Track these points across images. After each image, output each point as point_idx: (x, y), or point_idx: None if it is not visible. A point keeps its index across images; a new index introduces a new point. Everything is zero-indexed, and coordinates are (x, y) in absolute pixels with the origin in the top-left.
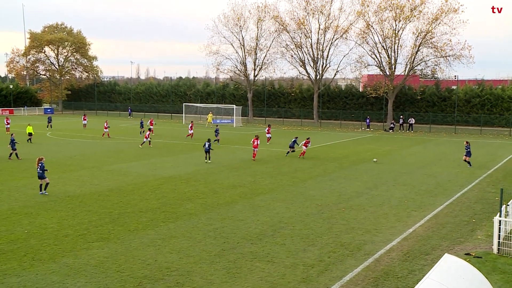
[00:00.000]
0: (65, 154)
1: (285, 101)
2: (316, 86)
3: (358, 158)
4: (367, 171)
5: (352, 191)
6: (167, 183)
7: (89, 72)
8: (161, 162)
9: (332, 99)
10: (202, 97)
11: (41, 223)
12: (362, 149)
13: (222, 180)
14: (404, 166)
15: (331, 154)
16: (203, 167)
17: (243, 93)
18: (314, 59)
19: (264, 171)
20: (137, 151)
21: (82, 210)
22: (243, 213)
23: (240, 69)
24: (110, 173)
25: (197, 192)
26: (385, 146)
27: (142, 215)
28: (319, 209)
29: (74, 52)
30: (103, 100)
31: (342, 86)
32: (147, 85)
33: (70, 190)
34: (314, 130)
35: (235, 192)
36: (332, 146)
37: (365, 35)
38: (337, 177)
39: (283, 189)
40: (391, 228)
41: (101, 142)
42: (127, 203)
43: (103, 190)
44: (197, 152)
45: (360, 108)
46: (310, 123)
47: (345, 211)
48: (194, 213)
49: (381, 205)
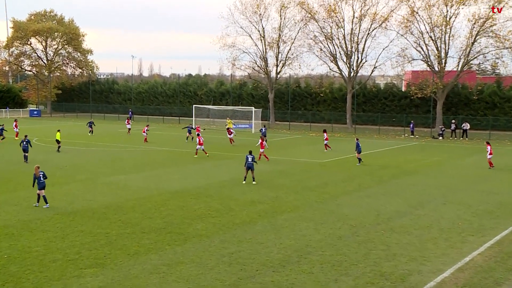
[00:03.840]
0: (53, 164)
1: (313, 103)
2: (349, 85)
3: (400, 170)
4: (411, 186)
5: (393, 210)
6: (173, 198)
7: (83, 68)
8: (166, 174)
9: (369, 100)
10: (215, 98)
11: (24, 246)
12: (405, 159)
13: (238, 195)
14: (457, 180)
15: (367, 166)
16: (215, 180)
17: (264, 93)
18: (347, 53)
19: (288, 185)
20: (137, 160)
21: (73, 230)
22: (263, 235)
23: (260, 65)
24: (107, 186)
25: (209, 209)
26: (433, 156)
27: (144, 237)
28: (353, 231)
29: (66, 44)
30: (99, 101)
31: (380, 84)
32: (151, 84)
33: (59, 206)
34: (347, 137)
35: (254, 210)
36: (368, 156)
37: (409, 23)
38: (375, 193)
39: (311, 206)
40: (442, 255)
41: (96, 150)
42: (126, 222)
43: (98, 207)
44: (209, 161)
45: (402, 111)
46: (342, 128)
47: (385, 234)
48: (205, 235)
49: (428, 227)
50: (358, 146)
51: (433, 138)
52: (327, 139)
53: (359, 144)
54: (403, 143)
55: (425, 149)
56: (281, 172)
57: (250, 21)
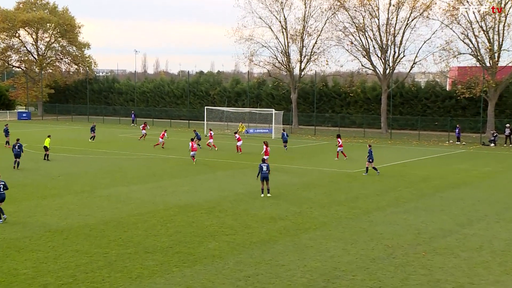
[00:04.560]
0: (44, 173)
1: (342, 104)
2: (385, 84)
3: (444, 182)
4: (457, 201)
5: (436, 229)
6: (182, 213)
7: (79, 65)
8: (173, 185)
9: (407, 101)
10: (230, 99)
11: (11, 268)
12: (450, 170)
13: (256, 210)
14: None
15: (406, 177)
16: (230, 193)
17: (285, 93)
18: (382, 46)
19: (314, 199)
20: (141, 170)
21: (67, 250)
22: (284, 255)
23: (282, 61)
24: (106, 199)
25: (222, 226)
26: (483, 167)
27: (148, 257)
28: (389, 253)
29: (59, 37)
30: (98, 102)
31: (421, 83)
32: (157, 82)
33: (51, 222)
34: (382, 143)
35: (274, 227)
36: (407, 166)
37: (455, 11)
38: (414, 209)
39: (340, 223)
40: (496, 283)
41: (94, 158)
42: (128, 240)
43: (96, 223)
44: (223, 171)
45: (446, 114)
46: (376, 133)
47: (427, 256)
48: (218, 255)
49: (478, 249)
50: (370, 154)
51: (483, 145)
52: (341, 146)
53: (371, 152)
54: (448, 151)
55: (474, 158)
56: (306, 183)
57: (270, 11)
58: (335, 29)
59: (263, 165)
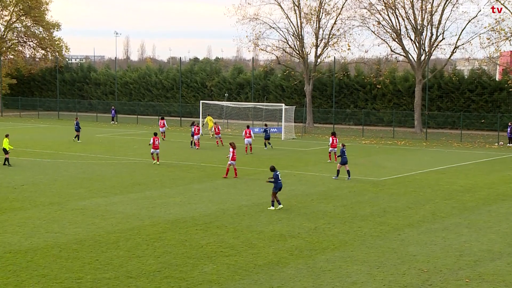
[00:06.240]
0: (5, 182)
1: (367, 98)
2: (419, 73)
3: (492, 193)
4: (508, 216)
5: (483, 250)
6: (172, 230)
7: (47, 49)
8: (163, 196)
9: (447, 94)
10: (231, 91)
11: None
12: (500, 178)
13: (262, 226)
14: None
15: (444, 186)
16: (231, 205)
17: (298, 84)
18: (416, 27)
19: (332, 213)
20: (124, 177)
21: (32, 275)
22: (296, 281)
23: (293, 46)
24: (80, 213)
25: (221, 245)
26: None
27: (131, 283)
28: (424, 279)
29: (22, 15)
30: (70, 95)
31: (464, 72)
32: (142, 72)
33: (12, 241)
34: (415, 145)
35: (284, 247)
36: (446, 173)
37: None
38: (455, 225)
39: (363, 242)
40: None
41: (66, 163)
42: (107, 263)
43: (68, 242)
44: (222, 179)
45: (496, 109)
46: (408, 133)
47: (471, 284)
48: (216, 280)
49: None
50: (343, 154)
51: None
52: (335, 146)
53: (344, 152)
54: (497, 155)
55: None
56: (322, 194)
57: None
58: (358, 6)
59: (279, 173)
